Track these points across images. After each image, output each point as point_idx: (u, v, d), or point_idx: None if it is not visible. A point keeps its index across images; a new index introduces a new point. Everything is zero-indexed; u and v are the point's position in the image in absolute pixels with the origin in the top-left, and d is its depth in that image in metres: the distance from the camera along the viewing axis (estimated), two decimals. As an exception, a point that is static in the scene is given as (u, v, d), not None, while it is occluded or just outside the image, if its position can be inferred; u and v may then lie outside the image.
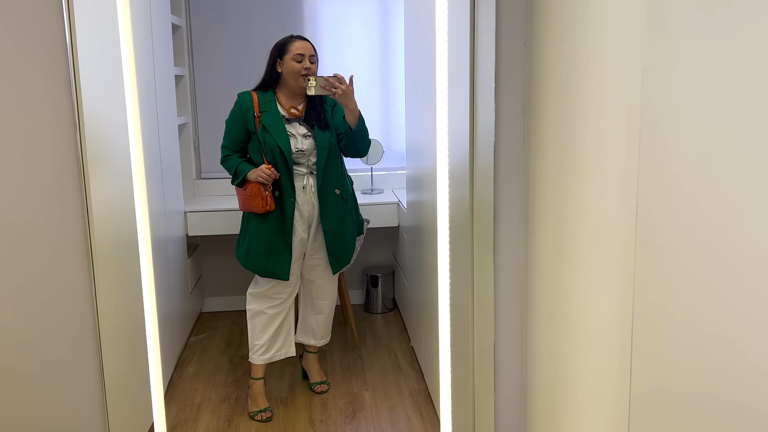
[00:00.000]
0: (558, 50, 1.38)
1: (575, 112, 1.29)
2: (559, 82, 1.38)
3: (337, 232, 2.88)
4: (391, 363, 3.42)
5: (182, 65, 3.92)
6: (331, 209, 2.84)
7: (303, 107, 2.83)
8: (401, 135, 4.25)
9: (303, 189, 2.81)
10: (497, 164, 1.55)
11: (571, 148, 1.33)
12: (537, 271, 1.57)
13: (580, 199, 1.32)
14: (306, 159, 2.80)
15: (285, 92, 2.81)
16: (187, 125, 4.01)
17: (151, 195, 2.99)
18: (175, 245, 3.46)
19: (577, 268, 1.38)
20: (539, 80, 1.49)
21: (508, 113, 1.54)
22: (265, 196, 2.77)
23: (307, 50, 2.75)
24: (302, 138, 2.78)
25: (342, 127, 2.80)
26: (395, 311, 4.21)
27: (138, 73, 2.80)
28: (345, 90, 2.67)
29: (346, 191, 2.91)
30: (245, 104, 2.79)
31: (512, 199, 1.58)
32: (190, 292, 3.79)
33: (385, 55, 4.20)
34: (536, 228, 1.55)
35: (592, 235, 1.29)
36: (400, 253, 3.93)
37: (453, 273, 1.90)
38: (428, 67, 2.66)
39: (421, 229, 3.03)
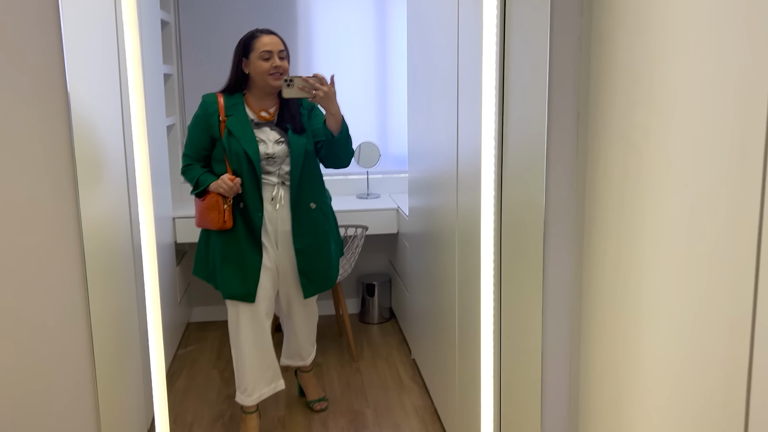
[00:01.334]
0: (625, 46, 1.23)
1: (655, 115, 1.13)
2: (628, 81, 1.22)
3: (312, 252, 2.58)
4: (392, 377, 3.26)
5: (170, 63, 3.73)
6: (306, 225, 2.55)
7: (275, 110, 2.53)
8: (399, 137, 4.10)
9: (271, 200, 2.50)
10: (549, 172, 1.39)
11: (647, 158, 1.17)
12: (593, 294, 1.42)
13: (658, 218, 1.16)
14: (277, 167, 2.49)
15: (254, 94, 2.51)
16: (175, 126, 3.82)
17: (139, 200, 2.79)
18: (164, 253, 3.28)
19: (646, 294, 1.23)
20: (598, 80, 1.33)
21: (561, 116, 1.38)
22: (223, 210, 2.45)
23: (275, 46, 2.44)
24: (273, 144, 2.48)
25: (322, 134, 2.50)
26: (392, 321, 4.05)
27: (126, 71, 2.61)
28: (326, 92, 2.36)
29: (324, 205, 2.62)
30: (209, 108, 2.49)
31: (563, 211, 1.41)
32: (179, 301, 3.60)
33: (382, 55, 4.04)
34: (593, 245, 1.39)
35: (674, 262, 1.13)
36: (399, 260, 3.77)
37: (496, 290, 1.74)
38: (443, 65, 2.50)
39: (430, 236, 2.86)
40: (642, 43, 1.17)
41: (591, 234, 1.39)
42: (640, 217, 1.21)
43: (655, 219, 1.16)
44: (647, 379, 1.23)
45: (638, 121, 1.20)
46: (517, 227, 1.59)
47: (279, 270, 2.59)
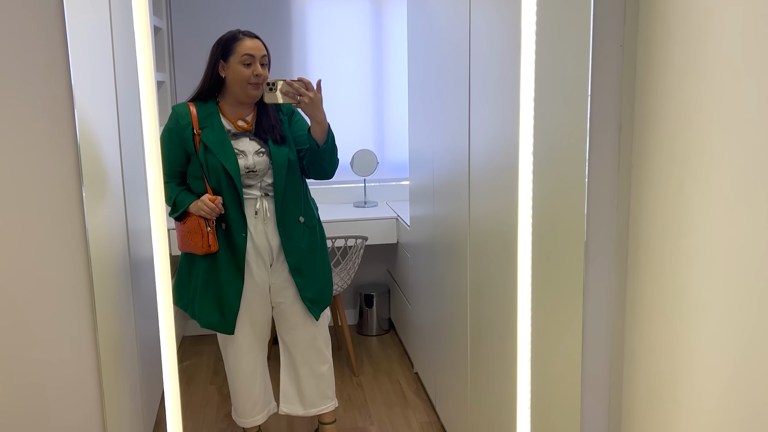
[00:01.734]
0: (678, 55, 1.16)
1: (713, 130, 1.06)
2: (683, 92, 1.15)
3: (308, 269, 2.38)
4: (395, 392, 3.17)
5: (162, 70, 3.63)
6: (297, 241, 2.34)
7: (253, 118, 2.32)
8: (396, 144, 4.03)
9: (255, 215, 2.30)
10: (590, 186, 1.32)
11: (703, 174, 1.10)
12: (638, 316, 1.34)
13: (712, 238, 1.09)
14: (259, 180, 2.29)
15: (229, 101, 2.30)
16: (167, 135, 3.72)
17: (134, 210, 2.69)
18: (158, 266, 3.16)
19: (697, 320, 1.16)
20: (645, 90, 1.26)
21: (601, 127, 1.30)
22: (207, 233, 2.25)
23: (257, 51, 2.22)
24: (254, 155, 2.28)
25: (305, 142, 2.32)
26: (391, 332, 3.96)
27: (121, 79, 2.51)
28: (312, 98, 2.16)
29: (312, 218, 2.43)
30: (182, 120, 2.26)
31: (605, 225, 1.33)
32: (174, 315, 3.49)
33: (379, 61, 3.97)
34: (639, 263, 1.32)
35: (729, 279, 1.06)
36: (399, 271, 3.69)
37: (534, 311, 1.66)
38: (451, 69, 2.41)
39: (436, 246, 2.77)
40: (699, 52, 1.10)
41: (637, 253, 1.32)
42: (691, 236, 1.14)
43: (710, 239, 1.10)
44: (698, 410, 1.16)
45: (693, 137, 1.13)
46: (548, 241, 1.52)
47: (272, 290, 2.39)
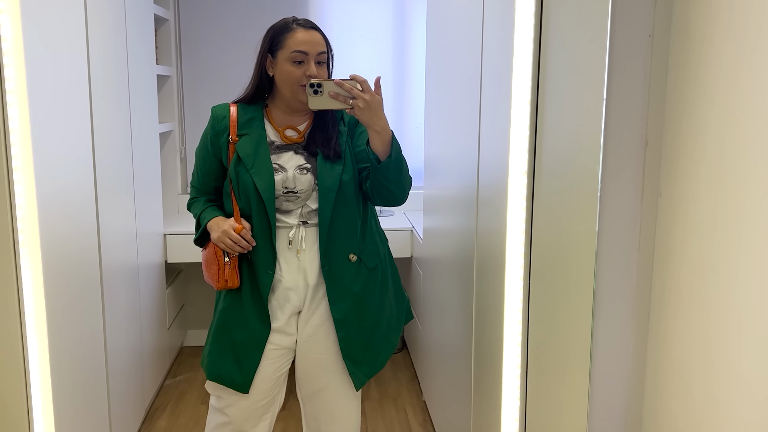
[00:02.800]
0: (720, 45, 0.85)
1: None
2: (727, 95, 0.85)
3: (354, 323, 1.87)
4: (399, 423, 2.88)
5: (168, 64, 3.41)
6: (347, 284, 1.85)
7: (306, 128, 1.88)
8: (416, 150, 3.74)
9: (289, 247, 1.84)
10: (603, 220, 1.01)
11: (756, 204, 0.80)
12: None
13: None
14: (300, 204, 1.84)
15: (279, 105, 1.87)
16: (172, 133, 3.50)
17: (117, 213, 2.47)
18: (150, 273, 2.94)
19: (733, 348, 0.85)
20: (677, 93, 0.95)
21: (621, 143, 1.00)
22: (224, 264, 1.82)
23: (312, 46, 1.78)
24: (296, 171, 1.83)
25: (366, 158, 1.84)
26: (404, 352, 3.68)
27: (104, 70, 2.29)
28: (369, 101, 1.67)
29: (370, 255, 1.91)
30: (218, 123, 1.87)
31: (621, 271, 1.03)
32: (168, 326, 3.27)
33: (400, 60, 3.69)
34: (664, 328, 1.01)
35: None
36: (412, 287, 3.40)
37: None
38: (464, 73, 2.14)
39: (445, 262, 2.49)
40: (753, 44, 0.80)
41: (661, 311, 1.01)
42: (734, 292, 0.84)
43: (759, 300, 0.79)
44: None
45: (743, 156, 0.82)
46: (553, 259, 1.22)
47: (299, 349, 1.90)
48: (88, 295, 2.13)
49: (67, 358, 1.94)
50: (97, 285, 2.22)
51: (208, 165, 1.91)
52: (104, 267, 2.28)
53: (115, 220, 2.43)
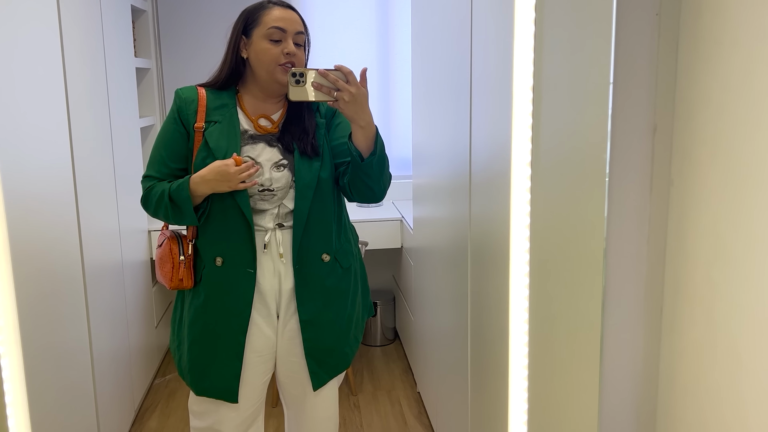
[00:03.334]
0: (737, 24, 0.80)
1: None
2: (744, 78, 0.80)
3: (324, 324, 1.78)
4: (394, 416, 2.84)
5: (147, 56, 3.32)
6: (315, 286, 1.76)
7: (280, 117, 1.75)
8: (403, 139, 3.69)
9: (264, 250, 1.73)
10: (612, 208, 0.95)
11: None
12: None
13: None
14: (276, 204, 1.72)
15: (253, 91, 1.74)
16: (153, 128, 3.42)
17: (99, 211, 2.40)
18: (135, 270, 2.87)
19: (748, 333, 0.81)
20: (688, 75, 0.90)
21: (629, 129, 0.94)
22: (179, 263, 1.71)
23: (291, 23, 1.65)
24: (273, 168, 1.70)
25: (346, 154, 1.74)
26: (396, 343, 3.64)
27: (80, 64, 2.21)
28: (354, 94, 1.55)
29: (345, 255, 1.83)
30: (186, 106, 1.70)
31: (631, 265, 0.98)
32: (156, 325, 3.20)
33: (385, 47, 3.62)
34: (677, 324, 0.96)
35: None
36: (403, 279, 3.36)
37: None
38: (452, 58, 2.08)
39: (438, 252, 2.45)
40: None
41: (675, 306, 0.97)
42: (748, 254, 0.79)
43: None
44: None
45: (762, 142, 0.78)
46: (556, 251, 1.18)
47: (279, 350, 1.81)
48: (70, 295, 2.06)
49: (47, 360, 1.88)
50: (80, 284, 2.15)
51: (173, 148, 1.71)
52: (87, 265, 2.21)
53: (97, 217, 2.36)
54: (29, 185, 1.78)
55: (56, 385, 1.93)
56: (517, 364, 1.46)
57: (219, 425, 1.79)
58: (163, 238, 1.79)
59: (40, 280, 1.84)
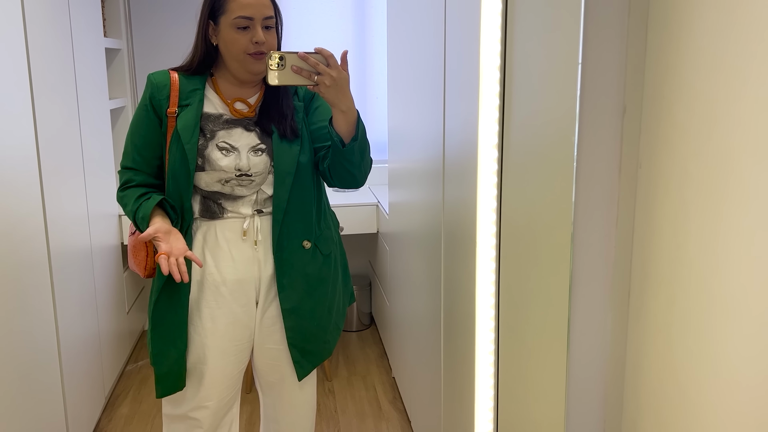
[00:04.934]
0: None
1: (760, 108, 0.69)
2: (715, 55, 0.78)
3: (306, 312, 1.75)
4: (369, 401, 2.84)
5: (118, 37, 3.25)
6: (296, 274, 1.72)
7: (257, 100, 1.71)
8: (379, 123, 3.66)
9: (243, 239, 1.69)
10: (580, 190, 0.93)
11: (742, 174, 0.74)
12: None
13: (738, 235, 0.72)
14: (254, 189, 1.69)
15: (226, 77, 1.69)
16: (124, 109, 3.35)
17: (66, 194, 2.34)
18: (105, 255, 2.82)
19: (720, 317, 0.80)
20: (658, 54, 0.88)
21: (598, 110, 0.92)
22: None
23: (258, 9, 1.58)
24: (250, 153, 1.67)
25: (325, 138, 1.70)
26: (372, 328, 3.62)
27: (44, 43, 2.14)
28: (335, 78, 1.51)
29: (326, 241, 1.79)
30: (158, 92, 1.65)
31: (599, 218, 0.96)
32: (127, 310, 3.15)
33: (361, 29, 3.58)
34: (645, 299, 0.95)
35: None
36: (378, 264, 3.34)
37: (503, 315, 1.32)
38: (427, 42, 2.06)
39: (412, 237, 2.43)
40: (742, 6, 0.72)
41: (644, 283, 0.96)
42: (712, 230, 0.78)
43: (735, 236, 0.74)
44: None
45: (731, 125, 0.76)
46: (524, 235, 1.16)
47: (256, 338, 1.77)
48: (35, 280, 2.02)
49: (8, 346, 1.84)
50: (46, 269, 2.10)
51: (148, 138, 1.66)
52: (53, 250, 2.16)
53: (64, 201, 2.31)
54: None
55: (19, 371, 1.89)
56: (484, 349, 1.45)
57: (193, 413, 1.75)
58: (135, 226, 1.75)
59: (1, 264, 1.79)
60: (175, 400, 1.76)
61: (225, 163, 1.64)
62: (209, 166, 1.64)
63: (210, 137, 1.65)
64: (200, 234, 1.70)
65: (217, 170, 1.64)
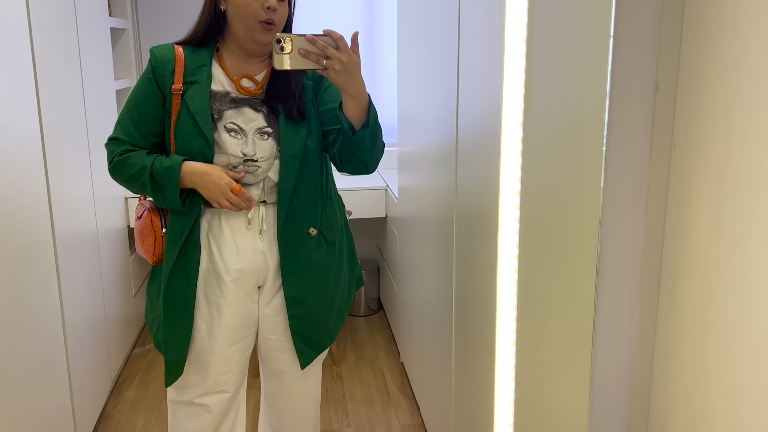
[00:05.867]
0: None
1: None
2: (758, 31, 0.72)
3: (311, 300, 1.69)
4: (377, 387, 2.81)
5: (123, 16, 3.19)
6: (301, 262, 1.66)
7: (265, 77, 1.63)
8: (389, 105, 3.60)
9: (248, 228, 1.64)
10: (609, 171, 0.88)
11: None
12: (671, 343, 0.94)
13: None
14: (261, 175, 1.61)
15: (232, 49, 1.61)
16: (129, 90, 3.30)
17: (71, 176, 2.30)
18: (111, 238, 2.79)
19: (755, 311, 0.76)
20: (694, 28, 0.82)
21: (629, 87, 0.87)
22: (162, 236, 1.62)
23: None
24: (256, 136, 1.59)
25: (335, 121, 1.62)
26: (380, 313, 3.59)
27: (48, 22, 2.09)
28: (345, 62, 1.43)
29: (330, 228, 1.73)
30: (162, 67, 1.57)
31: (628, 232, 0.92)
32: (134, 294, 3.13)
33: (370, 9, 3.51)
34: (677, 288, 0.91)
35: None
36: (387, 249, 3.30)
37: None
38: (439, 23, 2.00)
39: (423, 221, 2.39)
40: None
41: (676, 272, 0.91)
42: (751, 216, 0.73)
43: None
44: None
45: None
46: (547, 219, 1.11)
47: (261, 325, 1.73)
48: (39, 263, 1.98)
49: (13, 329, 1.81)
50: (51, 251, 2.07)
51: (151, 110, 1.58)
52: (57, 233, 2.12)
53: (69, 182, 2.27)
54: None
55: (24, 355, 1.86)
56: (505, 338, 1.41)
57: (200, 399, 1.72)
58: (142, 209, 1.68)
59: (5, 248, 1.75)
60: (181, 387, 1.72)
61: (233, 146, 1.58)
62: (218, 149, 1.58)
63: (218, 117, 1.58)
64: (205, 221, 1.65)
65: (227, 154, 1.58)
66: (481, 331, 1.64)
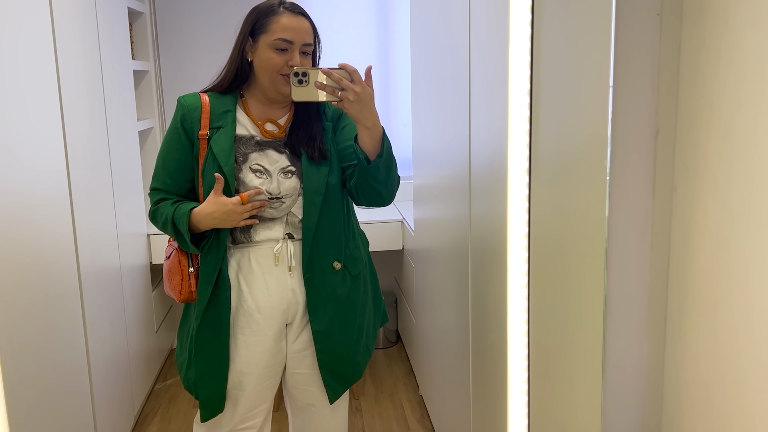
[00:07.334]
0: (743, 23, 0.77)
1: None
2: (754, 79, 0.76)
3: (337, 334, 1.74)
4: (397, 420, 2.82)
5: (145, 59, 3.30)
6: (326, 296, 1.71)
7: (287, 121, 1.71)
8: (404, 139, 3.66)
9: (276, 264, 1.69)
10: (613, 215, 0.92)
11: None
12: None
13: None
14: (285, 212, 1.68)
15: (257, 96, 1.69)
16: (152, 130, 3.39)
17: (96, 214, 2.37)
18: (134, 275, 2.85)
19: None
20: (692, 77, 0.86)
21: (630, 133, 0.91)
22: (188, 275, 1.69)
23: (299, 34, 1.59)
24: (280, 176, 1.67)
25: (352, 157, 1.68)
26: (398, 345, 3.61)
27: (75, 66, 2.18)
28: (359, 93, 1.50)
29: (354, 262, 1.78)
30: (189, 114, 1.65)
31: (634, 274, 0.95)
32: (156, 329, 3.18)
33: (384, 46, 3.59)
34: (683, 330, 0.93)
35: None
36: (404, 281, 3.33)
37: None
38: (451, 57, 2.05)
39: (438, 253, 2.42)
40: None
41: (681, 312, 0.94)
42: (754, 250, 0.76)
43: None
44: None
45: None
46: (555, 258, 1.14)
47: (289, 361, 1.78)
48: (65, 299, 2.04)
49: (38, 365, 1.85)
50: (76, 289, 2.13)
51: (180, 161, 1.67)
52: (83, 271, 2.18)
53: (94, 221, 2.34)
54: (21, 190, 1.75)
55: (49, 391, 1.90)
56: (517, 370, 1.43)
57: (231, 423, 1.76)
58: (171, 249, 1.76)
59: (33, 285, 1.81)
60: (211, 424, 1.76)
61: (258, 185, 1.65)
62: (244, 188, 1.65)
63: (243, 160, 1.66)
64: (234, 261, 1.71)
65: None
66: (495, 364, 1.66)
